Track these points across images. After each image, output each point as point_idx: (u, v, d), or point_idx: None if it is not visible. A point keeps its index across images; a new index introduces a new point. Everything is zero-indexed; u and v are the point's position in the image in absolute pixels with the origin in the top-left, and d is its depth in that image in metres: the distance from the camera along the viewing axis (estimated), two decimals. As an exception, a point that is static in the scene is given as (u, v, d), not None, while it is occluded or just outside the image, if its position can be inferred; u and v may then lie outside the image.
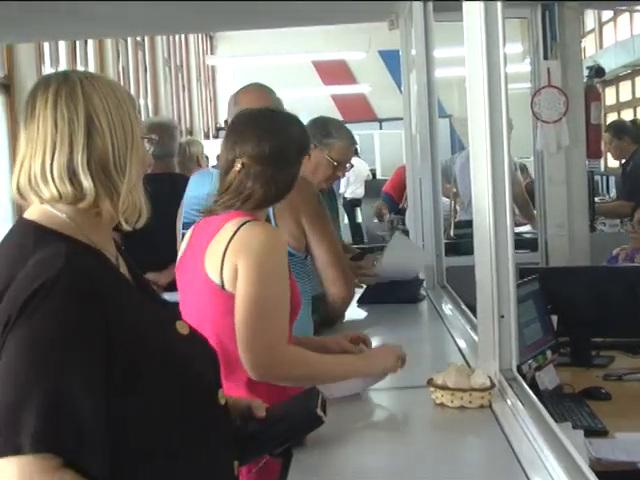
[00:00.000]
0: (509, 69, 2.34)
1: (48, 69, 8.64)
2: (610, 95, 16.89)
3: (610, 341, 3.51)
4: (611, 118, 14.50)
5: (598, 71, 6.12)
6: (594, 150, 5.64)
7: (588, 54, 15.16)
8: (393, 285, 3.82)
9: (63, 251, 1.51)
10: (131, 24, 6.00)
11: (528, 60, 5.67)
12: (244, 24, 7.09)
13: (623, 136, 6.67)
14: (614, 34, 16.30)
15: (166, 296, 1.92)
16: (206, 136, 16.74)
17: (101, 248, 1.61)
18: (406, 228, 5.33)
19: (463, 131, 6.85)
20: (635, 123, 7.24)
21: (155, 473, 1.55)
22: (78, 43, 9.88)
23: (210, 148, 7.69)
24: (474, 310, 2.49)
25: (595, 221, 6.23)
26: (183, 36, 15.59)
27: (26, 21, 5.10)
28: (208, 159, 7.39)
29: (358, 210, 12.35)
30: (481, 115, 2.30)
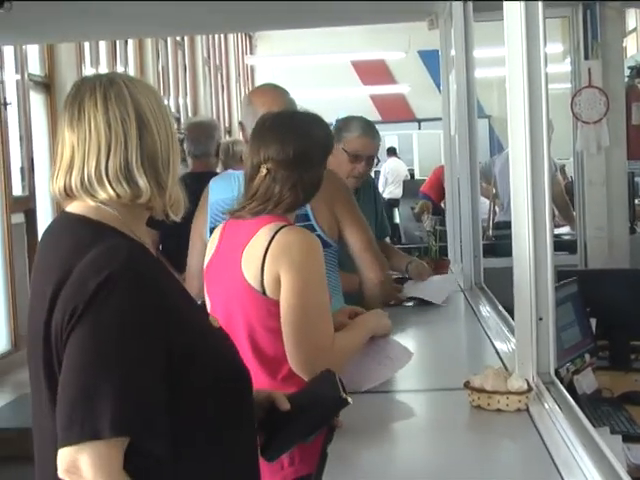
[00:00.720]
0: (549, 69, 2.32)
1: (88, 69, 8.72)
2: (652, 96, 16.68)
3: (650, 345, 3.48)
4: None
5: (640, 71, 6.08)
6: (635, 151, 5.59)
7: (630, 54, 14.99)
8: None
9: (123, 245, 1.59)
10: (170, 24, 6.05)
11: (568, 60, 5.64)
12: (284, 24, 7.12)
13: (665, 137, 6.60)
14: (657, 34, 16.10)
15: None
16: (244, 135, 16.74)
17: (144, 242, 1.68)
18: (444, 229, 5.29)
19: (502, 132, 6.84)
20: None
21: (196, 457, 1.61)
22: (118, 43, 9.95)
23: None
24: (511, 312, 2.47)
25: (635, 223, 6.17)
26: (223, 36, 15.65)
27: (65, 21, 5.15)
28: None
29: (396, 210, 12.31)
30: (521, 116, 2.28)
